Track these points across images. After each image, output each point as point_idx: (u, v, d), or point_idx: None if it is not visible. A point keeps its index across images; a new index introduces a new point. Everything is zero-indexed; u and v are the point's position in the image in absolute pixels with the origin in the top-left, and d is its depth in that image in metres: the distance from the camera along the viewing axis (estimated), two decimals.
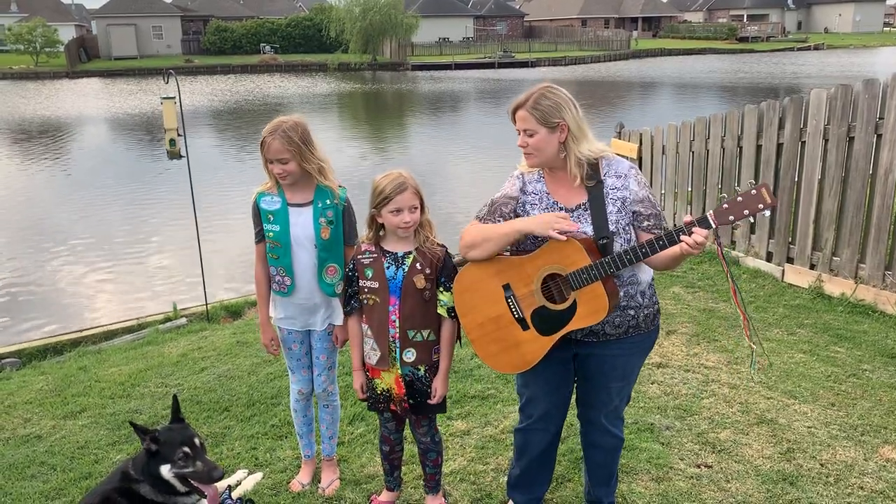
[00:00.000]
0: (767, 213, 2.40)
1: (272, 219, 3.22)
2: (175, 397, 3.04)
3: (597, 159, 2.66)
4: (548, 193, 2.72)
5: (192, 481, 2.87)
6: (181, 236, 10.86)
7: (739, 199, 2.39)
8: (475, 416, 4.16)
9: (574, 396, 2.98)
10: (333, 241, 3.25)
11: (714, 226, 2.41)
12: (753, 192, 2.38)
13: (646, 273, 2.74)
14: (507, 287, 2.71)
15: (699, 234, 2.40)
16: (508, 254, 2.77)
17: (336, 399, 3.54)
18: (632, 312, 2.71)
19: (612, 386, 2.82)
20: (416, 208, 2.94)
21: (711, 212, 2.44)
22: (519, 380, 2.99)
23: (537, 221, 2.59)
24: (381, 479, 3.50)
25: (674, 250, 2.48)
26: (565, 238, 2.53)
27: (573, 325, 2.60)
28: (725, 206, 2.41)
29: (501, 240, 2.68)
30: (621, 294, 2.67)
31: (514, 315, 2.71)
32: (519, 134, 2.69)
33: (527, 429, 3.00)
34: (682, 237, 2.42)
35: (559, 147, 2.64)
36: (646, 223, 2.65)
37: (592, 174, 2.65)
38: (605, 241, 2.59)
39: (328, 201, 3.23)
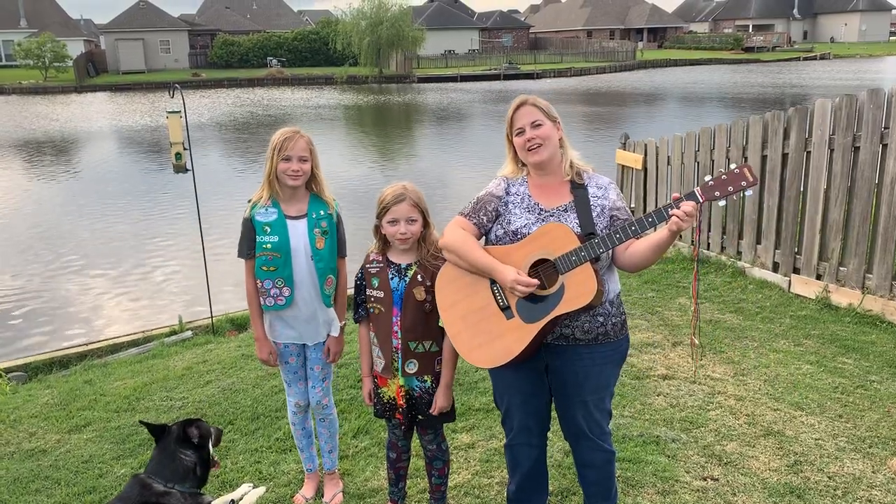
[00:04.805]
0: (750, 191, 2.51)
1: (269, 230, 3.20)
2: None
3: (580, 171, 2.83)
4: (529, 196, 2.82)
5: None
6: (187, 249, 10.91)
7: (724, 177, 2.51)
8: (480, 429, 4.14)
9: (557, 419, 2.98)
10: (328, 252, 3.26)
11: (701, 200, 2.50)
12: (737, 171, 2.50)
13: (615, 283, 2.82)
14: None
15: (687, 205, 2.47)
16: (495, 244, 2.80)
17: (332, 412, 3.52)
18: (601, 319, 2.75)
19: (587, 399, 2.82)
20: (413, 220, 2.99)
21: (698, 187, 2.53)
22: (495, 393, 3.05)
23: (503, 275, 2.65)
24: (385, 493, 3.49)
25: (661, 235, 2.54)
26: (523, 293, 2.61)
27: (561, 309, 2.60)
28: (711, 183, 2.52)
29: (473, 266, 2.76)
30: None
31: (498, 304, 2.72)
32: (521, 133, 2.77)
33: (511, 444, 3.04)
34: (672, 210, 2.48)
35: (558, 143, 2.78)
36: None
37: (578, 178, 2.80)
38: (590, 236, 2.66)
39: (322, 212, 3.25)
